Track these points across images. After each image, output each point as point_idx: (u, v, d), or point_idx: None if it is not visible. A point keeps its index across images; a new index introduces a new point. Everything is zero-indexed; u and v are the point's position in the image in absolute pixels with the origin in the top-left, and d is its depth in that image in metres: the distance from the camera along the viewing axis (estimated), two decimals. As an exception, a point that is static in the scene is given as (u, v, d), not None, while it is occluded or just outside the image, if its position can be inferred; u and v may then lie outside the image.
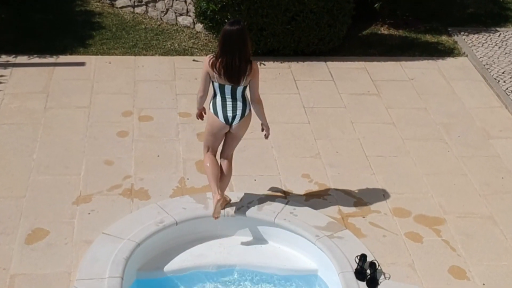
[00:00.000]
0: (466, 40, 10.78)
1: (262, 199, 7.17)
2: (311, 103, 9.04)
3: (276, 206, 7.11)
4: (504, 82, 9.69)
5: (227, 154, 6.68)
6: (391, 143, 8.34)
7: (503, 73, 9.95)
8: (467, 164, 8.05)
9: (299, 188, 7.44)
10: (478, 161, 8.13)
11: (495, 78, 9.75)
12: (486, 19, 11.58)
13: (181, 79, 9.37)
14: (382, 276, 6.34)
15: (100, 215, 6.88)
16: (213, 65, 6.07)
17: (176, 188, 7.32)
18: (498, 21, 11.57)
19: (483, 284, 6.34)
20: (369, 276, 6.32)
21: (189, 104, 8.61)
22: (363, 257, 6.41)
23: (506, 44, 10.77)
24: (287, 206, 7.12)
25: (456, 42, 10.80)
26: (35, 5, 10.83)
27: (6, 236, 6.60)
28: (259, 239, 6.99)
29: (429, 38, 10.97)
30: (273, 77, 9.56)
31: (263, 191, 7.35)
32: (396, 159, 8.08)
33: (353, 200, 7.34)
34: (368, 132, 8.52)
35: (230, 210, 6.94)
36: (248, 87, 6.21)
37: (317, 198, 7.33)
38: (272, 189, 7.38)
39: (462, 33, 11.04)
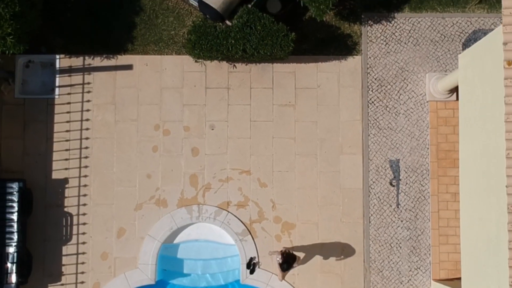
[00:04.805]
0: (369, 33, 16.54)
1: (217, 211, 16.90)
2: (255, 116, 17.27)
3: (222, 216, 16.87)
4: (372, 91, 17.16)
5: None
6: (288, 159, 17.03)
7: (376, 79, 17.24)
8: (321, 179, 16.95)
9: (235, 198, 16.96)
10: (327, 176, 16.88)
11: (367, 86, 17.31)
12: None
13: (186, 86, 17.21)
14: (257, 267, 16.64)
15: (146, 219, 16.81)
16: None
17: (179, 198, 16.89)
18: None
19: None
20: (252, 267, 16.87)
21: (190, 116, 16.73)
22: (250, 258, 16.67)
23: (400, 34, 16.78)
24: (227, 217, 16.93)
25: (360, 35, 17.14)
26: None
27: (111, 232, 16.84)
28: (215, 230, 17.08)
29: (344, 28, 16.84)
30: (238, 84, 17.31)
31: (220, 201, 16.89)
32: (287, 174, 17.08)
33: (258, 210, 16.99)
34: (279, 147, 16.95)
35: (204, 218, 16.95)
36: None
37: (242, 208, 17.03)
38: (222, 200, 16.66)
39: (370, 21, 17.11)
